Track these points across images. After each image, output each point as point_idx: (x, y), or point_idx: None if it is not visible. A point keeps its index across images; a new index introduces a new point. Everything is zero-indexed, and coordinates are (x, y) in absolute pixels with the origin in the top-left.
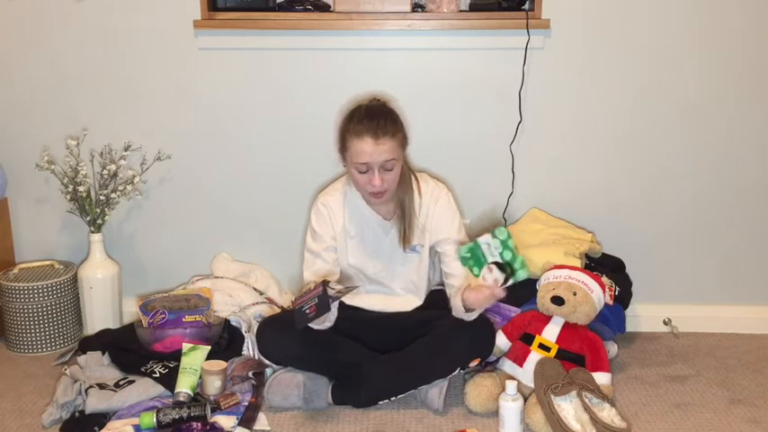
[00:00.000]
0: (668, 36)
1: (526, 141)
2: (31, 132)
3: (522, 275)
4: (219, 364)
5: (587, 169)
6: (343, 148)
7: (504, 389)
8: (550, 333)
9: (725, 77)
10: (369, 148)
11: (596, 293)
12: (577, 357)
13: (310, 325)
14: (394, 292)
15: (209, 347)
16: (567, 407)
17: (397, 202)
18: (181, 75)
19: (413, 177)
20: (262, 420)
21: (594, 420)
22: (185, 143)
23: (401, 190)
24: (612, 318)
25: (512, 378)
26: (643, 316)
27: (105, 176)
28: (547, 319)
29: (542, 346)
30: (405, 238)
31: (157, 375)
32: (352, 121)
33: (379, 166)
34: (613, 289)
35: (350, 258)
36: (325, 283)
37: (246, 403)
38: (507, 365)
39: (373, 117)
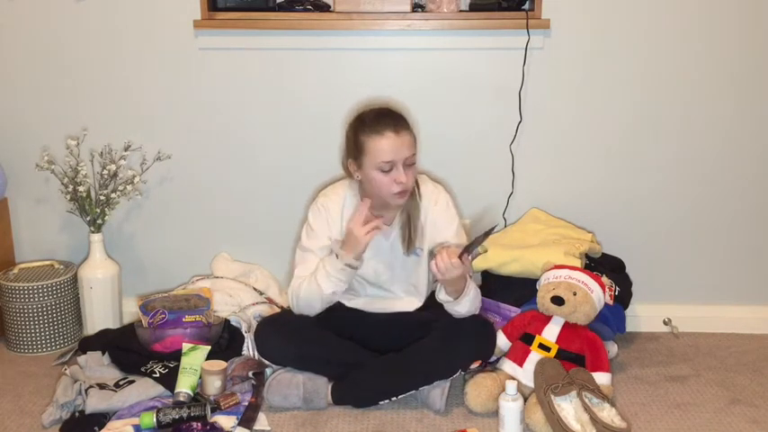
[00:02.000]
0: (668, 36)
1: (526, 141)
2: (31, 132)
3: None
4: (219, 364)
5: (587, 169)
6: (359, 152)
7: (504, 389)
8: (550, 333)
9: (725, 77)
10: (391, 143)
11: (596, 293)
12: (577, 357)
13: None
14: (395, 295)
15: (209, 347)
16: (567, 407)
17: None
18: (181, 75)
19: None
20: (262, 420)
21: (594, 420)
22: (185, 143)
23: None
24: (612, 318)
25: (512, 378)
26: (643, 316)
27: (105, 176)
28: (547, 319)
29: (542, 346)
30: (409, 242)
31: (157, 375)
32: (365, 122)
33: (403, 161)
34: (613, 289)
35: None
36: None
37: (246, 403)
38: (507, 365)
39: (387, 114)
